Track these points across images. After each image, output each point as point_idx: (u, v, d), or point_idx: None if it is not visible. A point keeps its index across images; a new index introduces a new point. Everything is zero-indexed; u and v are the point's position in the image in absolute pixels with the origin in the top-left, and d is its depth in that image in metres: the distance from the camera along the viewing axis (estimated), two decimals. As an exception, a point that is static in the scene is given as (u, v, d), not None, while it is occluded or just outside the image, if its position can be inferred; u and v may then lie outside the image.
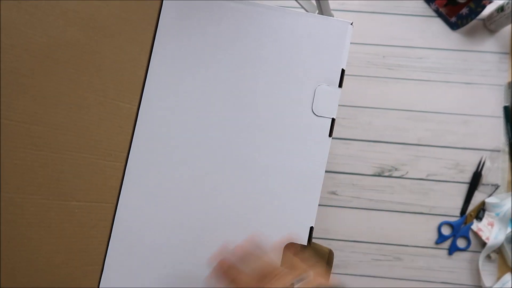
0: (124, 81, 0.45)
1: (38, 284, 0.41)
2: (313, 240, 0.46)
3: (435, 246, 0.83)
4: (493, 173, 0.83)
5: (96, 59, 0.43)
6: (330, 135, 0.46)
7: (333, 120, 0.46)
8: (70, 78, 0.42)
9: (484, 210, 0.83)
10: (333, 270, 0.82)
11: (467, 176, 0.84)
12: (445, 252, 0.83)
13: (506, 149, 0.84)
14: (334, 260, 0.82)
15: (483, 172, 0.83)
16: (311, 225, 0.45)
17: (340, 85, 0.47)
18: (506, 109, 0.84)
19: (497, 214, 0.81)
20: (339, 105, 0.47)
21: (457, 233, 0.82)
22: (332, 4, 0.86)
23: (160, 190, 0.46)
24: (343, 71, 0.47)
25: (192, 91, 0.47)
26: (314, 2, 0.67)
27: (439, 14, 0.85)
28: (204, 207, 0.46)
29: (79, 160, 0.43)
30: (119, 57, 0.44)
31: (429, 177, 0.84)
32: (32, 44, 0.40)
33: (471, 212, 0.83)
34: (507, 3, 0.76)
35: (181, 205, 0.46)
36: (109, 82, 0.44)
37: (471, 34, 0.86)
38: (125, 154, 0.45)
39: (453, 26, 0.85)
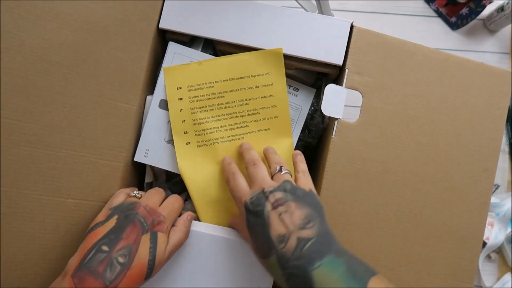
0: (122, 81, 0.45)
1: (33, 278, 0.42)
2: None
3: (435, 246, 0.83)
4: (493, 173, 0.82)
5: (91, 60, 0.44)
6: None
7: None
8: (64, 78, 0.42)
9: (484, 210, 0.82)
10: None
11: (467, 176, 0.84)
12: (445, 252, 0.83)
13: (506, 149, 0.83)
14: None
15: (483, 172, 0.83)
16: None
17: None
18: (506, 109, 0.84)
19: (497, 214, 0.80)
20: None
21: (457, 233, 0.82)
22: (332, 4, 0.86)
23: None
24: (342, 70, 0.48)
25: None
26: (314, 2, 0.67)
27: (439, 14, 0.85)
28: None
29: (74, 158, 0.43)
30: (116, 58, 0.45)
31: (429, 177, 0.84)
32: (25, 46, 0.41)
33: (471, 212, 0.83)
34: (507, 3, 0.76)
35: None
36: (105, 82, 0.44)
37: (471, 34, 0.85)
38: (124, 154, 0.46)
39: (453, 26, 0.85)
